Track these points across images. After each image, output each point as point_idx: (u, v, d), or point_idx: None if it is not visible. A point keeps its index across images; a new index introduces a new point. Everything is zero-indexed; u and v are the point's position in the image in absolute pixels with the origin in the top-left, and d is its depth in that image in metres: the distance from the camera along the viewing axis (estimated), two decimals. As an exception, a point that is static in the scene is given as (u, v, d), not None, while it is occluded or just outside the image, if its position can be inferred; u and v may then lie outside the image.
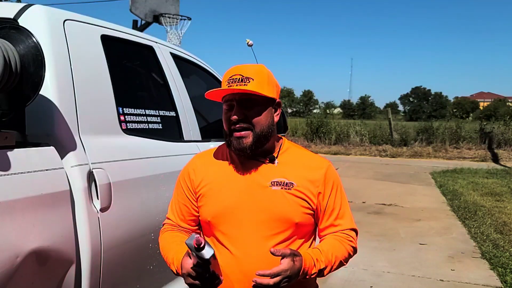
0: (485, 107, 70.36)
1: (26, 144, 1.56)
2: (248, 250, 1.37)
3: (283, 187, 1.41)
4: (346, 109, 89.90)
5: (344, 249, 1.44)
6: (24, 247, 1.36)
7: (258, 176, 1.42)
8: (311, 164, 1.47)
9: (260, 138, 1.39)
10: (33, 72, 1.47)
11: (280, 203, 1.39)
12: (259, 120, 1.39)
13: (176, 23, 11.03)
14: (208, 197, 1.45)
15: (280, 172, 1.43)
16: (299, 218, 1.40)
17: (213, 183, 1.46)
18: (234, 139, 1.39)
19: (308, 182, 1.43)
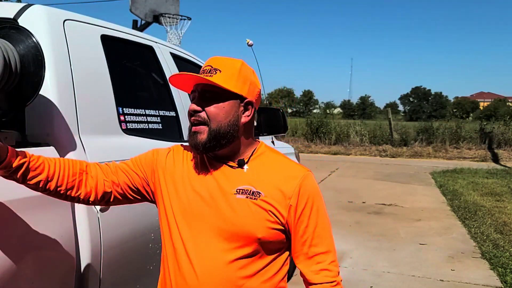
0: (485, 107, 70.37)
1: (26, 144, 1.56)
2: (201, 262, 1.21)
3: (248, 196, 1.22)
4: (346, 109, 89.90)
5: None
6: (24, 247, 1.36)
7: (224, 182, 1.25)
8: (286, 172, 1.27)
9: (217, 137, 1.22)
10: (33, 72, 1.47)
11: (242, 214, 1.21)
12: (216, 115, 1.23)
13: (176, 23, 11.03)
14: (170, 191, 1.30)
15: (248, 179, 1.25)
16: (263, 233, 1.21)
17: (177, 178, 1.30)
18: (190, 134, 1.25)
19: (278, 193, 1.23)
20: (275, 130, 3.34)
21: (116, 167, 1.35)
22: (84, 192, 1.29)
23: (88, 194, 1.29)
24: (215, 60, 1.28)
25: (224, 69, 1.25)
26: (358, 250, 4.75)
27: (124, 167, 1.36)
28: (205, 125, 1.23)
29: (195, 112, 1.23)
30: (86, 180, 1.29)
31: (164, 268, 1.32)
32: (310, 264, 1.26)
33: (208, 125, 1.22)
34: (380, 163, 13.41)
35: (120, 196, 1.35)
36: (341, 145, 17.19)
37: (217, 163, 1.29)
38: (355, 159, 14.55)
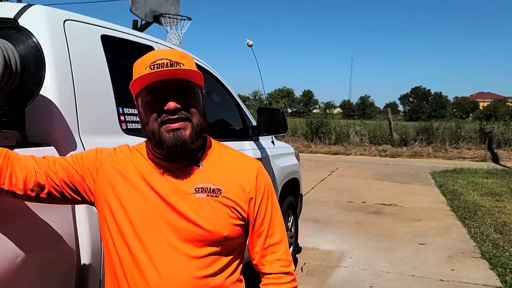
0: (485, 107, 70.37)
1: (26, 144, 1.56)
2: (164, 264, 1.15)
3: (209, 194, 1.19)
4: (346, 109, 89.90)
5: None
6: (24, 247, 1.36)
7: (180, 182, 1.19)
8: (240, 165, 1.27)
9: (198, 131, 1.19)
10: (33, 72, 1.47)
11: (205, 214, 1.17)
12: (196, 111, 1.19)
13: (176, 23, 11.03)
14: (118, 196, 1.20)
15: (205, 177, 1.21)
16: (228, 231, 1.19)
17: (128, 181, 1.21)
18: (168, 133, 1.15)
19: (238, 187, 1.22)
20: (275, 130, 3.34)
21: (54, 161, 1.25)
22: (8, 182, 1.16)
23: (15, 184, 1.17)
24: (166, 53, 1.18)
25: (185, 61, 1.18)
26: (358, 250, 4.75)
27: (62, 162, 1.26)
28: (187, 121, 1.17)
29: (177, 110, 1.15)
30: (11, 167, 1.17)
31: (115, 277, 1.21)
32: (265, 254, 1.27)
33: (190, 121, 1.17)
34: (380, 163, 13.41)
35: (56, 192, 1.24)
36: (341, 145, 17.20)
37: (170, 164, 1.22)
38: (355, 159, 14.55)
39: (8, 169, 1.17)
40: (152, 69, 1.14)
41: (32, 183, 1.21)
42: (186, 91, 1.18)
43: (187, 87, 1.18)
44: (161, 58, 1.16)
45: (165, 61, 1.15)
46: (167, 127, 1.15)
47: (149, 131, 1.18)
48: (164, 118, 1.15)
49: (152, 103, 1.17)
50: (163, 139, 1.15)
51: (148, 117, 1.18)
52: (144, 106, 1.19)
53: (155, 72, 1.13)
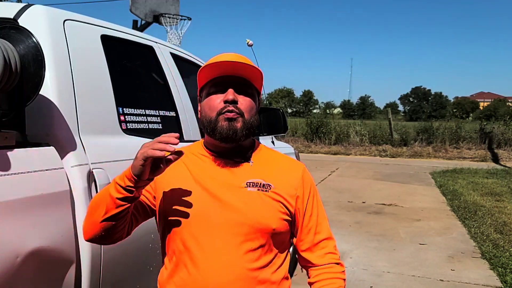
0: (485, 107, 70.38)
1: (26, 144, 1.56)
2: (216, 257, 1.21)
3: (260, 189, 1.27)
4: (346, 109, 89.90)
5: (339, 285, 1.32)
6: (24, 247, 1.36)
7: (232, 177, 1.28)
8: (287, 165, 1.37)
9: (249, 129, 1.27)
10: (33, 72, 1.47)
11: (256, 206, 1.24)
12: (251, 108, 1.28)
13: (176, 23, 11.04)
14: (176, 193, 1.28)
15: (256, 173, 1.30)
16: (276, 224, 1.26)
17: (183, 179, 1.30)
18: (224, 121, 1.24)
19: (286, 185, 1.30)
20: (275, 130, 3.34)
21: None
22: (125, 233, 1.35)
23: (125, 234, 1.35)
24: (233, 56, 1.28)
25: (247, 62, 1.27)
26: (358, 250, 4.75)
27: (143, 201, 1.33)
28: (240, 116, 1.25)
29: (234, 102, 1.24)
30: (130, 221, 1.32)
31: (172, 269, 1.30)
32: (315, 250, 1.34)
33: (243, 117, 1.26)
34: (380, 163, 13.41)
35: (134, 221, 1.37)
36: (341, 145, 17.19)
37: (223, 160, 1.31)
38: (355, 159, 14.55)
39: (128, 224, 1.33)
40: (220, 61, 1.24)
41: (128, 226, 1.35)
42: (245, 89, 1.28)
43: (246, 85, 1.28)
44: (228, 59, 1.26)
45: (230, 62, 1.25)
46: (223, 116, 1.24)
47: (206, 119, 1.27)
48: (223, 109, 1.24)
49: (214, 94, 1.27)
50: (218, 126, 1.24)
51: (208, 107, 1.27)
52: (207, 97, 1.29)
53: (222, 63, 1.23)
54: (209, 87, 1.29)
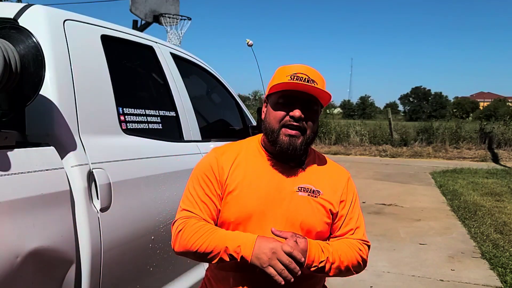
0: (485, 107, 70.31)
1: (26, 144, 1.56)
2: None
3: (309, 194, 1.38)
4: (346, 109, 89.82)
5: (352, 254, 1.37)
6: (24, 247, 1.36)
7: (285, 180, 1.39)
8: (334, 172, 1.48)
9: (307, 143, 1.38)
10: (33, 72, 1.47)
11: (305, 211, 1.36)
12: (313, 126, 1.38)
13: (176, 23, 11.03)
14: (234, 197, 1.37)
15: (307, 178, 1.41)
16: (321, 227, 1.38)
17: (240, 183, 1.38)
18: (285, 136, 1.33)
19: (332, 191, 1.42)
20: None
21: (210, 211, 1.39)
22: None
23: None
24: (305, 69, 1.36)
25: (318, 81, 1.36)
26: (358, 250, 4.74)
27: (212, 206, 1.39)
28: (301, 132, 1.34)
29: (299, 119, 1.33)
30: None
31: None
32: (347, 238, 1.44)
33: (304, 133, 1.35)
34: (380, 163, 13.40)
35: None
36: (341, 145, 17.18)
37: (278, 163, 1.41)
38: (355, 159, 14.55)
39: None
40: (292, 79, 1.32)
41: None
42: (311, 106, 1.36)
43: (313, 103, 1.36)
44: (301, 72, 1.35)
45: (304, 76, 1.34)
46: (286, 131, 1.34)
47: (269, 128, 1.37)
48: (287, 122, 1.34)
49: (281, 106, 1.35)
50: (279, 139, 1.34)
51: (273, 117, 1.36)
52: (273, 107, 1.37)
53: (294, 83, 1.32)
54: (279, 97, 1.36)
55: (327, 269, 1.32)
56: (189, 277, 2.39)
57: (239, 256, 1.23)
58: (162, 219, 2.06)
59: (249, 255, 1.22)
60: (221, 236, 1.28)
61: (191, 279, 2.39)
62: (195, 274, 2.43)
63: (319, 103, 1.39)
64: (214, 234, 1.29)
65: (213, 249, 1.26)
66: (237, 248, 1.23)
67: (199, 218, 1.36)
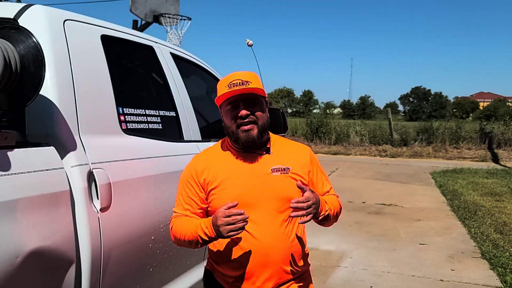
0: (485, 107, 70.29)
1: (26, 144, 1.56)
2: (264, 228, 1.60)
3: (281, 172, 1.66)
4: (346, 109, 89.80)
5: (337, 204, 1.77)
6: (24, 247, 1.36)
7: (259, 166, 1.66)
8: (297, 150, 1.78)
9: (262, 130, 1.64)
10: (33, 72, 1.47)
11: (282, 185, 1.64)
12: (261, 115, 1.64)
13: (176, 23, 11.04)
14: (220, 190, 1.63)
15: (276, 160, 1.68)
16: (297, 195, 1.60)
17: (222, 178, 1.64)
18: (242, 132, 1.61)
19: (299, 165, 1.71)
20: (275, 130, 3.32)
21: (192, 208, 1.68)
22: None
23: None
24: (238, 75, 1.62)
25: (252, 80, 1.61)
26: (358, 250, 4.75)
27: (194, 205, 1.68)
28: (254, 124, 1.61)
29: (247, 115, 1.60)
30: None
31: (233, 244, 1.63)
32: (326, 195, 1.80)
33: (257, 124, 1.62)
34: (380, 163, 13.41)
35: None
36: (341, 145, 17.18)
37: (249, 154, 1.67)
38: (355, 159, 14.55)
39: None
40: (230, 87, 1.60)
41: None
42: (253, 101, 1.63)
43: (253, 98, 1.63)
44: (235, 79, 1.61)
45: (238, 81, 1.60)
46: (241, 129, 1.61)
47: (230, 131, 1.65)
48: (239, 122, 1.61)
49: (230, 111, 1.63)
50: (239, 136, 1.62)
51: (229, 121, 1.64)
52: (225, 114, 1.65)
53: (231, 91, 1.59)
54: (226, 105, 1.64)
55: (327, 215, 1.66)
56: (189, 277, 2.39)
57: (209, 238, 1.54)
58: (162, 219, 2.06)
59: (212, 234, 1.52)
60: (192, 226, 1.58)
61: (191, 279, 2.39)
62: (195, 274, 2.43)
63: (259, 96, 1.65)
64: (189, 224, 1.60)
65: (192, 238, 1.58)
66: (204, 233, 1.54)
67: (186, 215, 1.67)
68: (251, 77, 1.64)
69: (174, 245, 2.15)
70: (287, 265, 1.65)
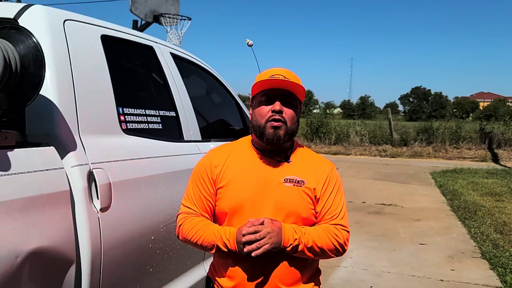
0: (485, 107, 70.26)
1: (26, 144, 1.56)
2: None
3: (295, 184, 1.54)
4: (346, 109, 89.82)
5: (327, 238, 1.51)
6: (24, 247, 1.36)
7: (273, 173, 1.55)
8: (318, 164, 1.63)
9: (290, 134, 1.54)
10: (33, 72, 1.47)
11: (291, 199, 1.52)
12: (293, 117, 1.54)
13: (176, 23, 11.04)
14: (227, 190, 1.55)
15: (292, 170, 1.57)
16: (306, 213, 1.53)
17: (233, 177, 1.56)
18: (271, 128, 1.50)
19: (315, 180, 1.57)
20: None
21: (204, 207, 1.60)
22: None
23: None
24: (281, 71, 1.55)
25: (293, 79, 1.53)
26: (358, 250, 4.75)
27: (206, 202, 1.60)
28: (283, 124, 1.51)
29: (280, 112, 1.51)
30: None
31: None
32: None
33: (286, 124, 1.52)
34: (380, 163, 13.40)
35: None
36: (341, 145, 17.18)
37: (266, 158, 1.58)
38: (355, 159, 14.55)
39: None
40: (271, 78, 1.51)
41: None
42: (289, 100, 1.54)
43: (291, 97, 1.54)
44: (278, 73, 1.54)
45: (280, 76, 1.52)
46: (271, 124, 1.51)
47: (257, 125, 1.54)
48: (270, 117, 1.51)
49: (264, 103, 1.53)
50: (265, 132, 1.51)
51: (258, 114, 1.54)
52: (258, 105, 1.55)
53: (272, 79, 1.50)
54: (260, 97, 1.55)
55: (301, 249, 1.47)
56: (189, 277, 2.39)
57: (228, 250, 1.46)
58: (162, 219, 2.06)
59: (234, 247, 1.44)
60: (212, 232, 1.50)
61: (191, 279, 2.39)
62: (195, 274, 2.43)
63: (297, 99, 1.56)
64: (207, 230, 1.51)
65: (207, 244, 1.50)
66: (224, 244, 1.46)
67: (197, 214, 1.59)
68: (294, 77, 1.56)
69: (174, 245, 2.15)
70: (286, 284, 1.51)
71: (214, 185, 1.58)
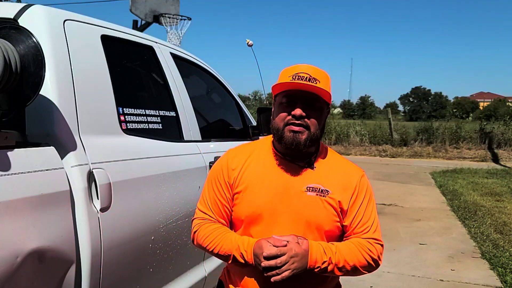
0: (485, 107, 70.26)
1: (26, 144, 1.56)
2: None
3: (318, 194, 1.41)
4: (346, 109, 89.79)
5: (360, 254, 1.38)
6: (24, 247, 1.36)
7: (294, 180, 1.43)
8: (346, 171, 1.49)
9: (312, 140, 1.40)
10: (33, 72, 1.47)
11: (313, 210, 1.40)
12: (316, 123, 1.40)
13: (176, 23, 11.05)
14: (244, 196, 1.45)
15: (316, 178, 1.44)
16: (329, 226, 1.41)
17: (251, 182, 1.45)
18: (289, 132, 1.38)
19: (342, 190, 1.43)
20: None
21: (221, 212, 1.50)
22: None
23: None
24: (307, 68, 1.40)
25: (321, 79, 1.38)
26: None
27: (223, 208, 1.50)
28: (305, 129, 1.38)
29: (302, 117, 1.37)
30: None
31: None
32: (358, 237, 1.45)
33: (309, 130, 1.38)
34: (380, 163, 13.40)
35: None
36: (341, 145, 17.18)
37: (287, 163, 1.45)
38: (355, 159, 14.55)
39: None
40: (293, 79, 1.37)
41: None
42: (313, 103, 1.39)
43: (315, 100, 1.39)
44: (303, 71, 1.38)
45: (306, 75, 1.37)
46: (289, 128, 1.38)
47: (275, 127, 1.42)
48: (290, 120, 1.38)
49: (285, 105, 1.40)
50: (284, 136, 1.39)
51: (278, 116, 1.41)
52: (278, 106, 1.43)
53: (293, 82, 1.37)
54: (282, 97, 1.41)
55: (331, 270, 1.35)
56: (189, 277, 2.39)
57: (245, 261, 1.36)
58: (162, 219, 2.06)
59: (250, 260, 1.34)
60: (229, 241, 1.40)
61: (191, 279, 2.39)
62: (195, 274, 2.43)
63: (322, 101, 1.41)
64: (223, 238, 1.41)
65: (223, 253, 1.41)
66: (241, 254, 1.36)
67: (213, 220, 1.50)
68: (322, 76, 1.40)
69: (174, 245, 2.16)
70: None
71: (231, 189, 1.47)
